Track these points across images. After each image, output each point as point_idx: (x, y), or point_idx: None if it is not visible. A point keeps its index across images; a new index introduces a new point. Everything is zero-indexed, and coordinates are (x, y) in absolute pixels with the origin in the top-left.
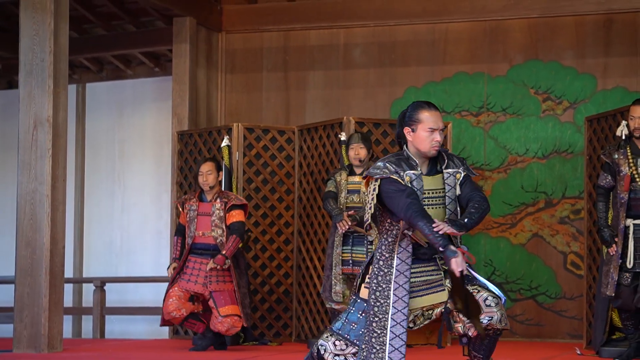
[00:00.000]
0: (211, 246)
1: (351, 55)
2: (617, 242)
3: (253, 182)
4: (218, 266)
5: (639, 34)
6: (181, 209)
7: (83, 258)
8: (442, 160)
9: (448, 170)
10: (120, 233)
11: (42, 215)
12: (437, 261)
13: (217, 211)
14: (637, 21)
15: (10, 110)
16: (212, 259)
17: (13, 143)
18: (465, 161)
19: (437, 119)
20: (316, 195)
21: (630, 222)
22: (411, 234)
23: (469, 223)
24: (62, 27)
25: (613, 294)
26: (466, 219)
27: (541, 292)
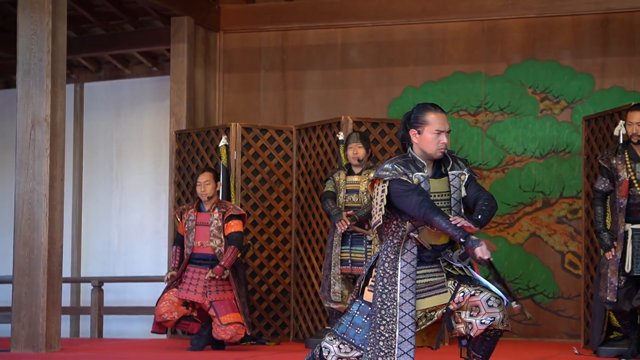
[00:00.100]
0: (210, 256)
1: (349, 54)
2: (617, 247)
3: (251, 182)
4: (217, 276)
5: (637, 34)
6: (179, 219)
7: (81, 258)
8: (447, 162)
9: (453, 172)
10: (118, 233)
11: (40, 214)
12: (440, 263)
13: (216, 221)
14: (635, 21)
15: (8, 109)
16: (211, 270)
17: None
18: (467, 162)
19: (444, 121)
20: (314, 194)
21: (629, 227)
22: (417, 237)
23: (482, 220)
24: (60, 27)
25: (615, 299)
26: (479, 216)
27: (539, 292)
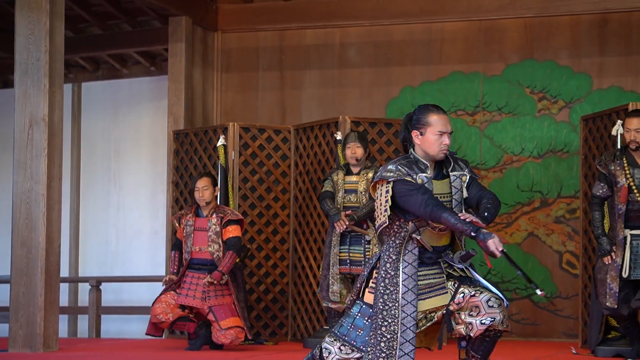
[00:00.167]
0: (208, 261)
1: (347, 54)
2: (617, 253)
3: (249, 182)
4: (215, 282)
5: (634, 34)
6: (177, 225)
7: (79, 257)
8: (448, 163)
9: (454, 173)
10: (115, 232)
11: (38, 214)
12: (441, 265)
13: (214, 226)
14: (633, 21)
15: (5, 109)
16: (209, 275)
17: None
18: (468, 163)
19: (446, 122)
20: (312, 194)
21: (627, 233)
22: (419, 238)
23: (489, 217)
24: (58, 27)
25: (615, 306)
26: (486, 213)
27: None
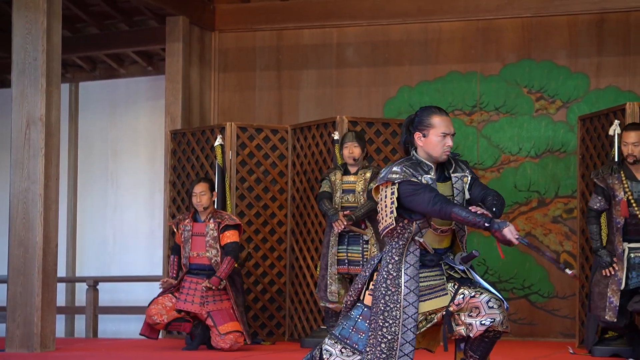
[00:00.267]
0: (206, 266)
1: (344, 54)
2: (618, 266)
3: (246, 181)
4: (213, 287)
5: (632, 34)
6: (175, 230)
7: (76, 257)
8: (449, 165)
9: (456, 174)
10: (113, 232)
11: (35, 214)
12: (442, 266)
13: (211, 231)
14: (630, 20)
15: (3, 109)
16: (207, 280)
17: (6, 142)
18: (468, 164)
19: (449, 124)
20: (309, 194)
21: (625, 246)
22: (421, 241)
23: (497, 212)
24: (55, 26)
25: (615, 319)
26: (494, 209)
27: (534, 291)
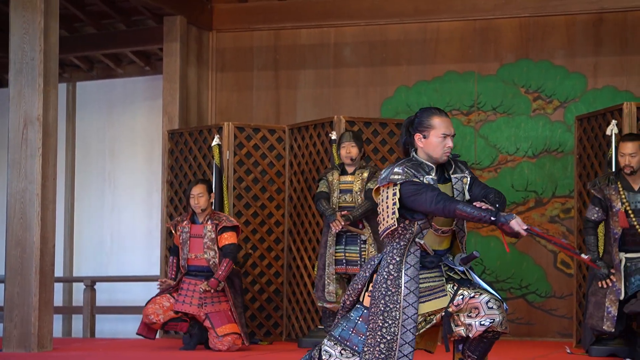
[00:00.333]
0: (205, 268)
1: (342, 54)
2: (616, 277)
3: (244, 181)
4: (211, 290)
5: (629, 34)
6: (174, 231)
7: (73, 257)
8: (449, 166)
9: (455, 175)
10: (110, 232)
11: (32, 214)
12: (442, 268)
13: (209, 233)
14: (627, 20)
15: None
16: (206, 282)
17: (3, 142)
18: (467, 164)
19: (449, 125)
20: (307, 194)
21: (622, 256)
22: (422, 243)
23: (501, 208)
24: (52, 26)
25: (613, 329)
26: (497, 205)
27: (531, 291)
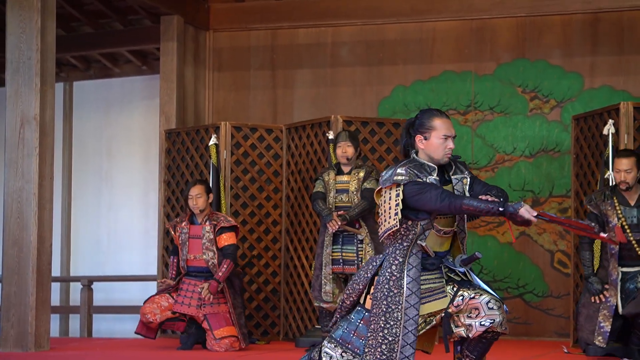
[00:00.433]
0: (204, 269)
1: (339, 53)
2: (610, 293)
3: (241, 181)
4: (212, 293)
5: (626, 33)
6: (173, 232)
7: (70, 256)
8: (449, 167)
9: (456, 176)
10: (107, 231)
11: (29, 213)
12: (442, 269)
13: (207, 234)
14: (624, 20)
15: None
16: (207, 285)
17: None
18: (466, 165)
19: (450, 126)
20: (304, 193)
21: (619, 270)
22: (424, 245)
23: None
24: (49, 25)
25: (605, 345)
26: (501, 199)
27: (528, 291)
